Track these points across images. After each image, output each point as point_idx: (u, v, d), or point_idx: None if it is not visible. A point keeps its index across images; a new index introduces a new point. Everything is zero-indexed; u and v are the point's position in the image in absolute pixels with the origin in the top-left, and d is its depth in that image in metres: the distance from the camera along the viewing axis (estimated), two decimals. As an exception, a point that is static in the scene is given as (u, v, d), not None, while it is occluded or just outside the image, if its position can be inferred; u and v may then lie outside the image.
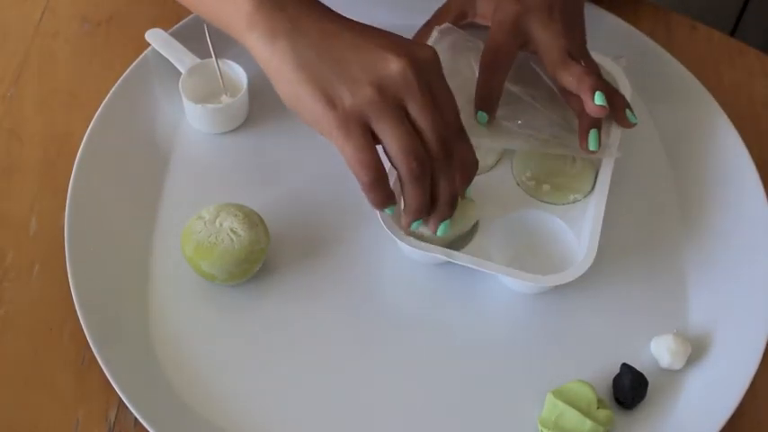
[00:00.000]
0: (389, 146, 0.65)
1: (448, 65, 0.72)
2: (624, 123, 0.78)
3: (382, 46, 0.64)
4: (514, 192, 0.80)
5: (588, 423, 0.68)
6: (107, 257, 0.76)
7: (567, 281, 0.72)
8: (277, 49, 0.64)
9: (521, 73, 0.80)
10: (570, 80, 0.75)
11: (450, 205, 0.69)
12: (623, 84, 0.82)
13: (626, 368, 0.71)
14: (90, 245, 0.75)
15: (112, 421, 0.70)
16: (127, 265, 0.76)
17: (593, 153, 0.77)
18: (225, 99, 0.84)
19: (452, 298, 0.76)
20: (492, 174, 0.81)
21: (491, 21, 0.79)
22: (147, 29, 0.87)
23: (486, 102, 0.77)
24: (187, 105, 0.83)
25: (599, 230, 0.74)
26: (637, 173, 0.84)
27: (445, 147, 0.66)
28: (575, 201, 0.79)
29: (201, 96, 0.84)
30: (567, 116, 0.79)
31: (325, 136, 0.65)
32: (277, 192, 0.80)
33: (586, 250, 0.73)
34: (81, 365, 0.72)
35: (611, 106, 0.75)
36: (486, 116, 0.77)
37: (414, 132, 0.65)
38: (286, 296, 0.75)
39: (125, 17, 0.94)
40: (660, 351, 0.73)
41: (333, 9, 0.68)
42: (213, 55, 0.83)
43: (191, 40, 0.86)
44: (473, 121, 0.77)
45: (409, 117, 0.65)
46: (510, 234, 0.77)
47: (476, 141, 0.75)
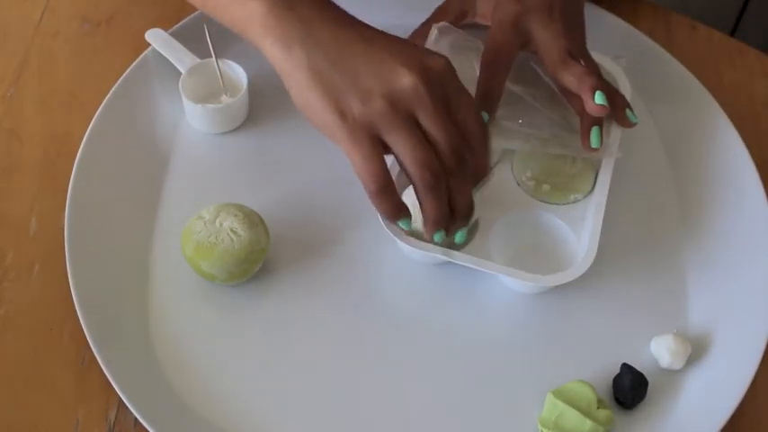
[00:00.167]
0: (402, 157, 0.65)
1: None
2: (624, 123, 0.78)
3: (395, 57, 0.64)
4: (514, 192, 0.80)
5: (588, 423, 0.68)
6: (107, 257, 0.76)
7: (567, 281, 0.72)
8: (292, 57, 0.65)
9: (521, 73, 0.80)
10: (571, 80, 0.75)
11: (466, 215, 0.69)
12: (623, 84, 0.82)
13: (626, 368, 0.71)
14: (90, 245, 0.75)
15: (112, 421, 0.70)
16: (127, 265, 0.76)
17: (594, 151, 0.77)
18: (225, 99, 0.84)
19: (452, 298, 0.76)
20: (492, 174, 0.81)
21: (491, 20, 0.79)
22: (147, 29, 0.87)
23: (486, 101, 0.77)
24: (187, 105, 0.83)
25: (599, 230, 0.74)
26: (637, 173, 0.84)
27: (459, 157, 0.66)
28: (575, 201, 0.79)
29: (201, 96, 0.84)
30: (567, 116, 0.79)
31: (334, 143, 0.65)
32: (277, 192, 0.80)
33: (586, 250, 0.73)
34: (81, 365, 0.72)
35: (611, 106, 0.75)
36: (486, 116, 0.76)
37: (426, 143, 0.64)
38: (286, 296, 0.76)
39: (125, 17, 0.94)
40: (660, 351, 0.73)
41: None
42: (213, 55, 0.83)
43: (191, 40, 0.86)
44: None
45: (421, 128, 0.65)
46: (510, 234, 0.77)
47: None
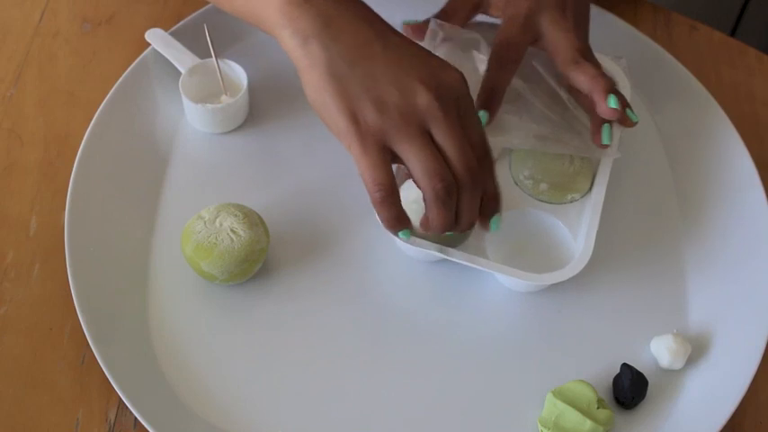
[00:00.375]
0: (413, 167, 0.64)
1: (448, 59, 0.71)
2: (626, 123, 0.78)
3: (413, 71, 0.64)
4: (512, 190, 0.80)
5: (588, 423, 0.68)
6: (107, 257, 0.76)
7: (563, 279, 0.72)
8: (309, 52, 0.64)
9: (522, 70, 0.80)
10: (583, 80, 0.75)
11: (467, 229, 0.69)
12: (623, 84, 0.82)
13: (626, 368, 0.71)
14: (90, 245, 0.75)
15: (112, 421, 0.70)
16: (127, 265, 0.76)
17: (605, 147, 0.76)
18: (225, 99, 0.84)
19: (452, 297, 0.76)
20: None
21: (503, 15, 0.78)
22: (147, 29, 0.87)
23: (490, 98, 0.76)
24: (187, 105, 0.83)
25: (595, 230, 0.74)
26: (637, 172, 0.84)
27: (471, 173, 0.65)
28: (572, 200, 0.79)
29: (201, 96, 0.84)
30: (567, 116, 0.79)
31: (343, 145, 0.65)
32: (277, 192, 0.80)
33: (582, 249, 0.73)
34: (81, 365, 0.72)
35: None
36: (486, 116, 0.76)
37: (439, 155, 0.64)
38: (286, 296, 0.75)
39: (125, 17, 0.94)
40: (660, 351, 0.73)
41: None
42: (213, 55, 0.83)
43: (191, 40, 0.86)
44: None
45: (435, 142, 0.64)
46: (507, 232, 0.77)
47: None
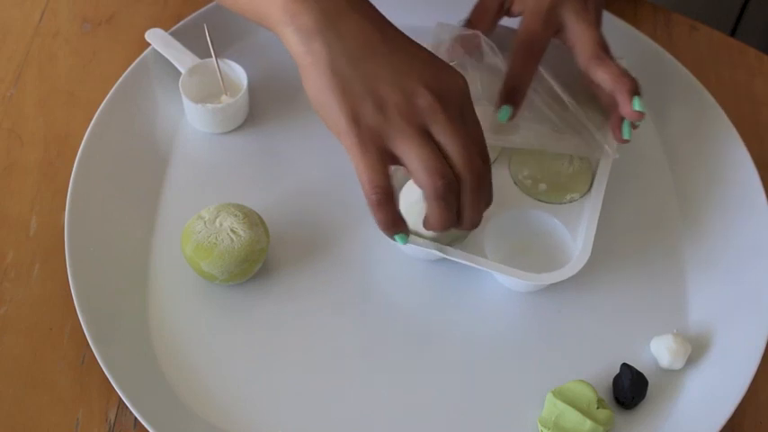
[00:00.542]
0: (413, 166, 0.63)
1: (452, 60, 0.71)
2: (633, 115, 0.76)
3: (416, 73, 0.63)
4: (511, 190, 0.80)
5: (588, 423, 0.68)
6: (107, 257, 0.76)
7: (561, 279, 0.72)
8: (311, 50, 0.63)
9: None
10: (605, 78, 0.75)
11: (470, 229, 0.67)
12: None
13: (626, 368, 0.71)
14: (90, 245, 0.75)
15: (112, 421, 0.70)
16: (127, 265, 0.76)
17: (626, 142, 0.76)
18: (225, 99, 0.84)
19: (452, 298, 0.76)
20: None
21: (524, 9, 0.78)
22: (147, 29, 0.87)
23: (513, 93, 0.75)
24: (187, 105, 0.83)
25: (594, 230, 0.74)
26: (636, 172, 0.84)
27: (475, 171, 0.64)
28: (571, 200, 0.79)
29: (201, 96, 0.84)
30: (567, 116, 0.79)
31: (343, 145, 0.64)
32: (277, 192, 0.80)
33: (581, 249, 0.73)
34: (81, 365, 0.72)
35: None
36: (510, 111, 0.75)
37: (439, 153, 0.63)
38: (286, 296, 0.75)
39: (125, 17, 0.94)
40: (660, 351, 0.73)
41: None
42: (213, 55, 0.83)
43: (191, 40, 0.86)
44: None
45: (435, 141, 0.63)
46: (506, 232, 0.77)
47: None
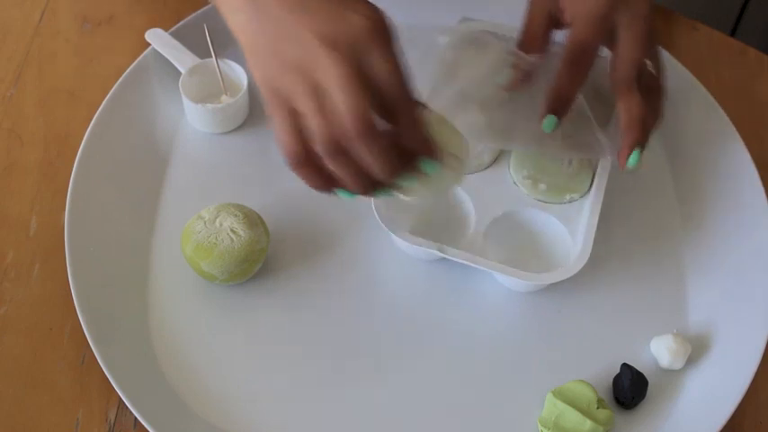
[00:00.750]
0: (308, 126, 0.61)
1: (472, 58, 0.73)
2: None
3: (314, 23, 0.59)
4: (511, 190, 0.80)
5: (588, 423, 0.68)
6: (107, 257, 0.76)
7: (561, 279, 0.72)
8: (236, 21, 0.62)
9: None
10: (622, 113, 0.73)
11: (387, 177, 0.61)
12: None
13: (626, 368, 0.71)
14: (90, 245, 0.75)
15: (112, 421, 0.70)
16: (127, 265, 0.76)
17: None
18: (225, 99, 0.84)
19: (453, 297, 0.76)
20: (488, 172, 0.81)
21: (575, 16, 0.73)
22: (147, 29, 0.87)
23: (560, 105, 0.73)
24: (187, 105, 0.83)
25: (594, 230, 0.74)
26: (636, 173, 0.83)
27: (362, 123, 0.59)
28: (571, 200, 0.79)
29: (201, 96, 0.84)
30: (569, 117, 0.79)
31: None
32: (277, 192, 0.80)
33: (580, 249, 0.73)
34: (81, 365, 0.72)
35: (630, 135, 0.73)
36: (555, 122, 0.73)
37: (325, 111, 0.59)
38: (286, 296, 0.75)
39: (125, 17, 0.94)
40: (660, 351, 0.73)
41: None
42: (213, 55, 0.83)
43: (191, 40, 0.86)
44: (473, 119, 0.76)
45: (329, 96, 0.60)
46: (506, 232, 0.77)
47: (476, 141, 0.76)
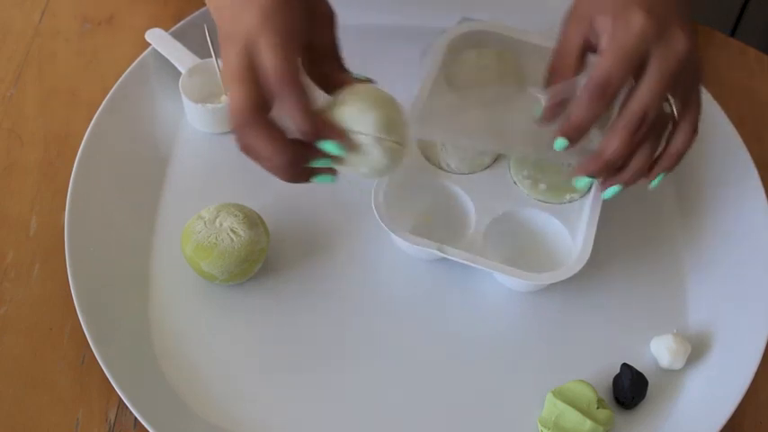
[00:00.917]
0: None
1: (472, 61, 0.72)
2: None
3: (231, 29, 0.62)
4: (511, 190, 0.80)
5: (588, 423, 0.68)
6: (107, 257, 0.76)
7: (561, 279, 0.72)
8: (216, 15, 0.64)
9: (534, 74, 0.78)
10: (599, 146, 0.69)
11: (309, 137, 0.64)
12: None
13: (626, 368, 0.71)
14: (90, 245, 0.75)
15: (112, 421, 0.70)
16: (127, 265, 0.76)
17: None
18: (225, 99, 0.84)
19: (453, 297, 0.76)
20: (488, 172, 0.80)
21: (608, 42, 0.66)
22: (147, 29, 0.87)
23: (575, 133, 0.68)
24: (187, 105, 0.83)
25: (594, 230, 0.74)
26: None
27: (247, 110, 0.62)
28: (571, 200, 0.79)
29: (201, 96, 0.84)
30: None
31: None
32: (277, 192, 0.80)
33: (581, 249, 0.73)
34: (81, 365, 0.72)
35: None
36: (566, 145, 0.69)
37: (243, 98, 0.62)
38: (286, 296, 0.75)
39: (125, 17, 0.94)
40: (660, 351, 0.73)
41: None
42: (213, 55, 0.83)
43: (191, 40, 0.86)
44: (472, 122, 0.76)
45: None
46: (506, 232, 0.77)
47: (475, 145, 0.76)
